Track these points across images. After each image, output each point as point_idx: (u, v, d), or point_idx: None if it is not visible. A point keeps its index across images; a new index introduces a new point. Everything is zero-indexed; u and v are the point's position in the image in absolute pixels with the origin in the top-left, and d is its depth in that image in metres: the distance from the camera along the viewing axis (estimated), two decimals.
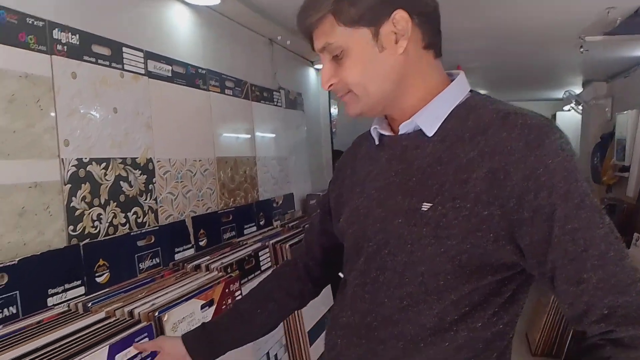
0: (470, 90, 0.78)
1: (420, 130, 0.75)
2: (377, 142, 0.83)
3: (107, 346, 0.94)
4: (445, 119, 0.74)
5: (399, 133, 0.79)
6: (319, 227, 0.99)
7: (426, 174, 0.72)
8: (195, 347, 0.96)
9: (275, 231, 2.20)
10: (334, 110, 3.53)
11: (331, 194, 0.94)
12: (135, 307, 1.15)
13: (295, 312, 1.96)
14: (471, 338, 0.71)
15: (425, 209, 0.70)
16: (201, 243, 1.77)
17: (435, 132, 0.74)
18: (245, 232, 2.10)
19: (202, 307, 1.27)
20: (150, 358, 1.05)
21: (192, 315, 1.23)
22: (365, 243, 0.77)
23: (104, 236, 1.36)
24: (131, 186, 1.47)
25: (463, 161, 0.69)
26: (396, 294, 0.73)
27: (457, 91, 0.77)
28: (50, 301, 1.15)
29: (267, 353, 1.75)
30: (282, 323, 1.90)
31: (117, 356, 0.96)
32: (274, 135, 2.47)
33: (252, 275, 1.71)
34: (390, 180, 0.77)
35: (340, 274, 0.90)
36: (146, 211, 1.54)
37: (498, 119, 0.69)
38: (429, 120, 0.75)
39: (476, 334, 0.70)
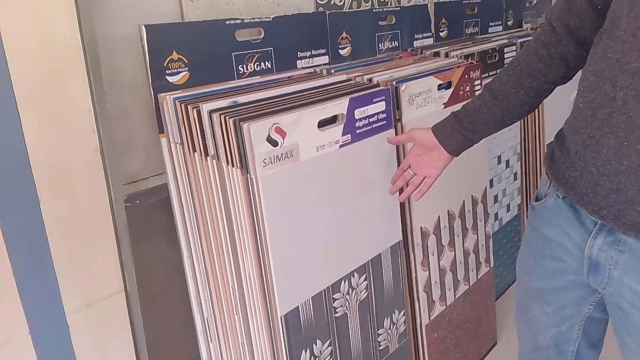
0: None
1: None
2: None
3: (348, 99, 0.97)
4: None
5: None
6: None
7: None
8: (447, 135, 0.91)
9: (524, 33, 1.94)
10: None
11: None
12: (375, 76, 1.15)
13: (536, 120, 1.80)
14: None
15: None
16: (441, 34, 1.66)
17: None
18: (490, 30, 1.90)
19: (439, 87, 1.22)
20: (385, 122, 1.06)
21: (429, 92, 1.19)
22: None
23: (348, 8, 1.35)
24: None
25: None
26: None
27: None
28: (299, 64, 1.22)
29: (499, 156, 1.67)
30: (519, 131, 1.77)
31: (355, 110, 0.99)
32: None
33: (494, 72, 1.57)
34: None
35: None
36: None
37: None
38: None
39: None
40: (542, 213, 0.82)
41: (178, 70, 0.99)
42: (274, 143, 0.86)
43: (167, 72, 0.97)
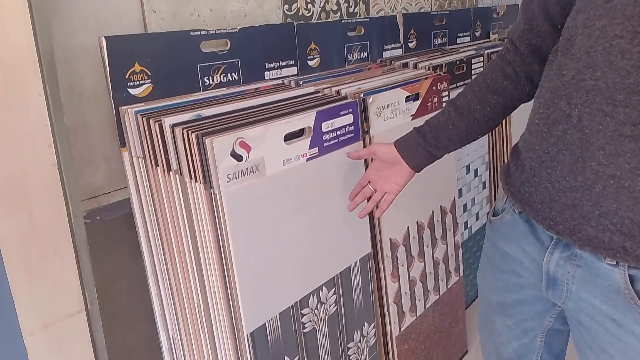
0: None
1: None
2: None
3: (315, 112, 0.97)
4: None
5: None
6: None
7: None
8: (410, 150, 0.90)
9: (492, 44, 1.97)
10: None
11: None
12: (343, 88, 1.15)
13: (504, 129, 1.82)
14: None
15: None
16: (410, 44, 1.67)
17: None
18: (458, 40, 1.92)
19: (407, 99, 1.22)
20: (352, 135, 1.06)
21: (396, 104, 1.19)
22: None
23: (317, 19, 1.34)
24: None
25: None
26: None
27: None
28: (267, 75, 1.21)
29: (468, 166, 1.68)
30: (487, 140, 1.80)
31: (323, 123, 0.98)
32: None
33: (462, 83, 1.58)
34: None
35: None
36: (358, 0, 1.47)
37: None
38: None
39: None
40: (500, 228, 0.83)
41: (140, 82, 0.96)
42: (238, 158, 0.85)
43: (129, 84, 0.95)
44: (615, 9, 0.58)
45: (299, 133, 0.97)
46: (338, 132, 1.03)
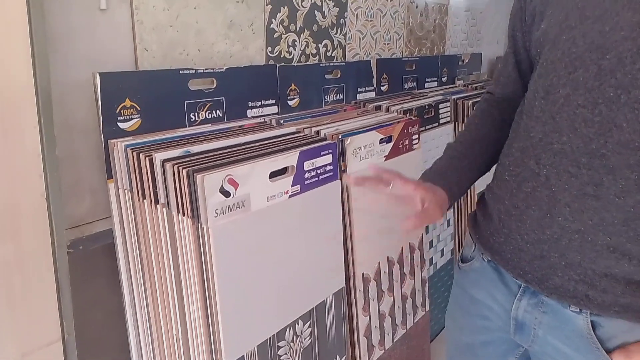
0: None
1: None
2: None
3: (298, 151, 1.02)
4: None
5: None
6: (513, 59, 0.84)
7: None
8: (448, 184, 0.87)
9: (457, 89, 2.09)
10: None
11: None
12: (322, 129, 1.21)
13: None
14: None
15: None
16: (382, 88, 1.76)
17: None
18: (426, 85, 2.03)
19: (381, 141, 1.29)
20: (331, 174, 1.12)
21: (371, 145, 1.26)
22: (594, 54, 0.64)
23: (297, 62, 1.42)
24: (324, 17, 1.48)
25: None
26: None
27: None
28: (250, 113, 1.26)
29: None
30: None
31: (305, 162, 1.04)
32: None
33: (430, 126, 1.68)
34: None
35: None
36: (335, 45, 1.55)
37: None
38: None
39: None
40: (470, 274, 0.87)
41: (130, 117, 1.00)
42: (226, 194, 0.89)
43: (118, 118, 0.98)
44: (577, 81, 0.65)
45: (283, 171, 1.02)
46: (318, 171, 1.08)
